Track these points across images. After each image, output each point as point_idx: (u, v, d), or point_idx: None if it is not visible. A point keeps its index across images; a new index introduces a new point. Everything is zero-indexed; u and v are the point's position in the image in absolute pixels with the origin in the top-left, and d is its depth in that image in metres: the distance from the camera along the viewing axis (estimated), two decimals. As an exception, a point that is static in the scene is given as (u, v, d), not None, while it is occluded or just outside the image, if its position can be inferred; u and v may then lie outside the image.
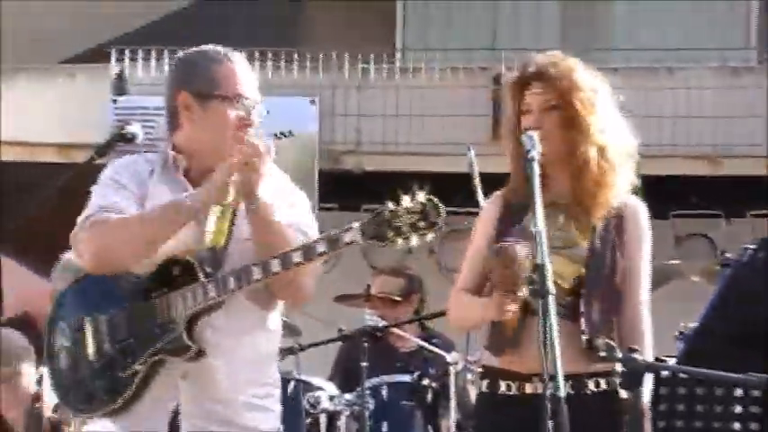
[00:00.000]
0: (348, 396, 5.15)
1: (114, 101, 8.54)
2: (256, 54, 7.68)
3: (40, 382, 3.39)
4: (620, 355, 2.89)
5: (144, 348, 2.82)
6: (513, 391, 3.08)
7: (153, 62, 8.53)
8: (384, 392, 5.16)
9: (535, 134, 3.02)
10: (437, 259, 8.26)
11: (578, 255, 3.07)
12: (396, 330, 5.45)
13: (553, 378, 2.69)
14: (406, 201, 2.64)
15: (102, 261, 2.84)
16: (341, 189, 8.22)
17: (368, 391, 5.08)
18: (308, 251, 2.71)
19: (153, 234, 2.81)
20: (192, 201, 2.83)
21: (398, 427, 5.14)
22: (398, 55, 9.62)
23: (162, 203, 2.86)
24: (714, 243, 9.01)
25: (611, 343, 2.96)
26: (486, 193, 3.63)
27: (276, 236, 2.80)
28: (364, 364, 4.92)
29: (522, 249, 2.88)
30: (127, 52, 8.67)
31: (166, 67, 8.41)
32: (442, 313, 4.95)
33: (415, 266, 6.35)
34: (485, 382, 3.16)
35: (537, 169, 2.94)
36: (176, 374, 2.85)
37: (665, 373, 2.94)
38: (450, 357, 5.13)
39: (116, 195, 2.88)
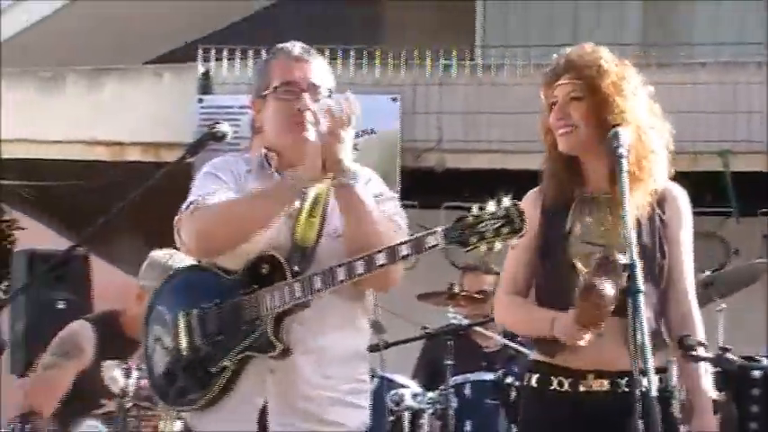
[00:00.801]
0: (431, 394, 5.13)
1: (200, 100, 8.62)
2: (339, 52, 7.67)
3: (128, 374, 3.44)
4: (712, 354, 2.85)
5: (233, 345, 2.83)
6: (566, 388, 3.01)
7: (237, 61, 8.59)
8: (467, 390, 5.14)
9: (623, 130, 2.97)
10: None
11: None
12: (479, 329, 5.42)
13: (643, 374, 2.64)
14: (491, 205, 2.62)
15: (204, 245, 2.85)
16: (422, 186, 8.20)
17: (451, 389, 5.06)
18: (392, 254, 2.70)
19: (253, 214, 2.80)
20: (292, 179, 2.82)
21: (482, 426, 5.12)
22: (479, 52, 9.57)
23: (263, 186, 2.88)
24: (804, 241, 8.81)
25: (703, 341, 2.91)
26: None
27: (365, 219, 2.79)
28: (449, 362, 4.90)
29: (610, 289, 2.80)
30: (212, 52, 8.75)
31: (250, 67, 8.52)
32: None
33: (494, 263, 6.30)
34: (534, 377, 3.09)
35: (626, 166, 2.88)
36: (264, 370, 2.85)
37: (756, 373, 2.88)
38: (533, 355, 5.08)
39: (215, 185, 2.91)
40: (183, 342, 2.90)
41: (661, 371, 2.95)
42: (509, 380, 5.13)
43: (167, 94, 8.95)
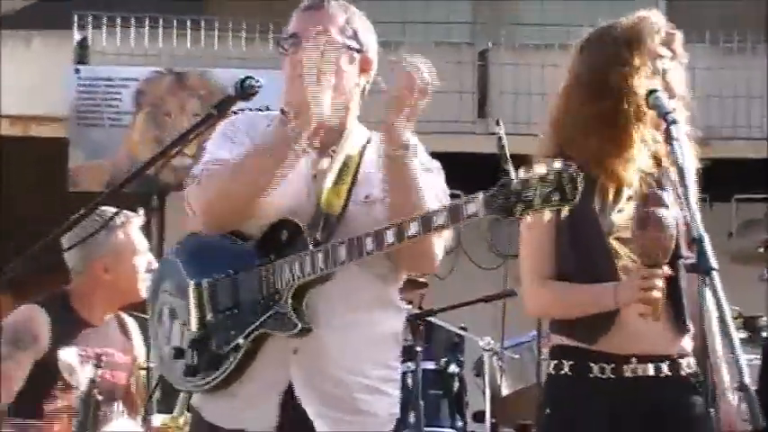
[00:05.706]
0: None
1: (77, 70, 7.99)
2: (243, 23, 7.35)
3: (98, 365, 2.99)
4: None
5: (248, 321, 2.53)
6: (608, 374, 2.77)
7: (119, 29, 8.02)
8: (409, 381, 4.86)
9: (662, 92, 2.78)
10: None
11: None
12: (432, 320, 5.15)
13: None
14: (540, 168, 2.30)
15: (211, 219, 2.59)
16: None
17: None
18: (426, 223, 2.39)
19: (248, 175, 2.53)
20: (286, 131, 2.52)
21: (425, 417, 4.84)
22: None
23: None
24: None
25: None
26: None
27: (415, 196, 2.50)
28: (419, 348, 4.63)
29: (669, 215, 2.59)
30: (90, 18, 8.14)
31: (133, 36, 7.96)
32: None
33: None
34: (567, 364, 2.82)
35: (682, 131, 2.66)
36: (286, 350, 2.54)
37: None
38: (483, 342, 4.87)
39: (227, 149, 2.63)
40: (193, 316, 2.58)
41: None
42: (452, 369, 4.92)
43: (38, 63, 8.24)
